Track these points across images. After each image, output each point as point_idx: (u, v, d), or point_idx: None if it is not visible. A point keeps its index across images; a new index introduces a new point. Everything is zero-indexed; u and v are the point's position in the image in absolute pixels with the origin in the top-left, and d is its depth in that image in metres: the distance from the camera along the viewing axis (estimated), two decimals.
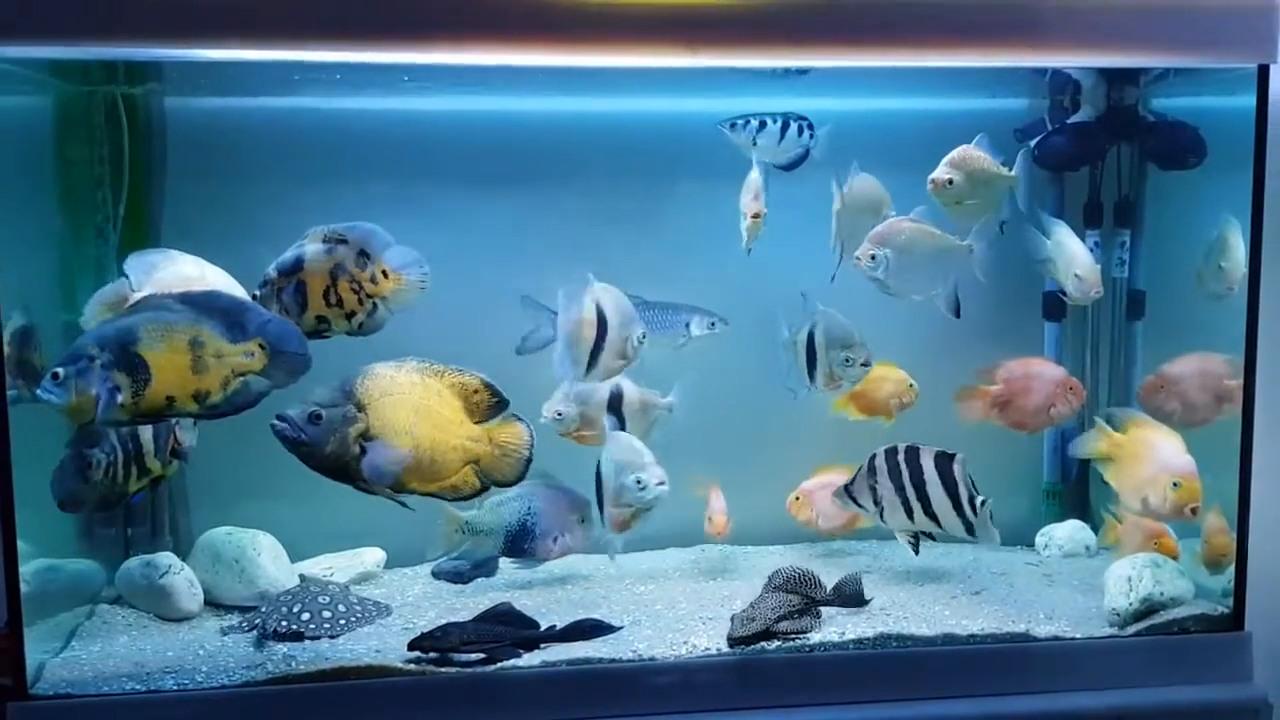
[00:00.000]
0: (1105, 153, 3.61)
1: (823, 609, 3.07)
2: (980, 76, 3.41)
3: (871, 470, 3.31)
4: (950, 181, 3.07)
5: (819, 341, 3.30)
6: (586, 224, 3.57)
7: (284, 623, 3.02)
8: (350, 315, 2.86)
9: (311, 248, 2.85)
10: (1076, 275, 3.36)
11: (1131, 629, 3.03)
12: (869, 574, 3.37)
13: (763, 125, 3.30)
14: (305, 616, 3.04)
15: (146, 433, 3.02)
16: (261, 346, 2.61)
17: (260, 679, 2.77)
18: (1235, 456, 3.07)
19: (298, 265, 2.83)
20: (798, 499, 3.58)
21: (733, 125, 3.29)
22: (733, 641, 2.92)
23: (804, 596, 3.04)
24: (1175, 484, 3.07)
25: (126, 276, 2.84)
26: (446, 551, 3.30)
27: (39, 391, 2.57)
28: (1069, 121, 3.56)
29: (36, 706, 2.69)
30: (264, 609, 3.09)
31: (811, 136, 3.33)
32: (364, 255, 2.86)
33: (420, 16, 2.63)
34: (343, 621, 3.06)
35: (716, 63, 2.77)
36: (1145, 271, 3.70)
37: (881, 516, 3.32)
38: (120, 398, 2.52)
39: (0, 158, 2.66)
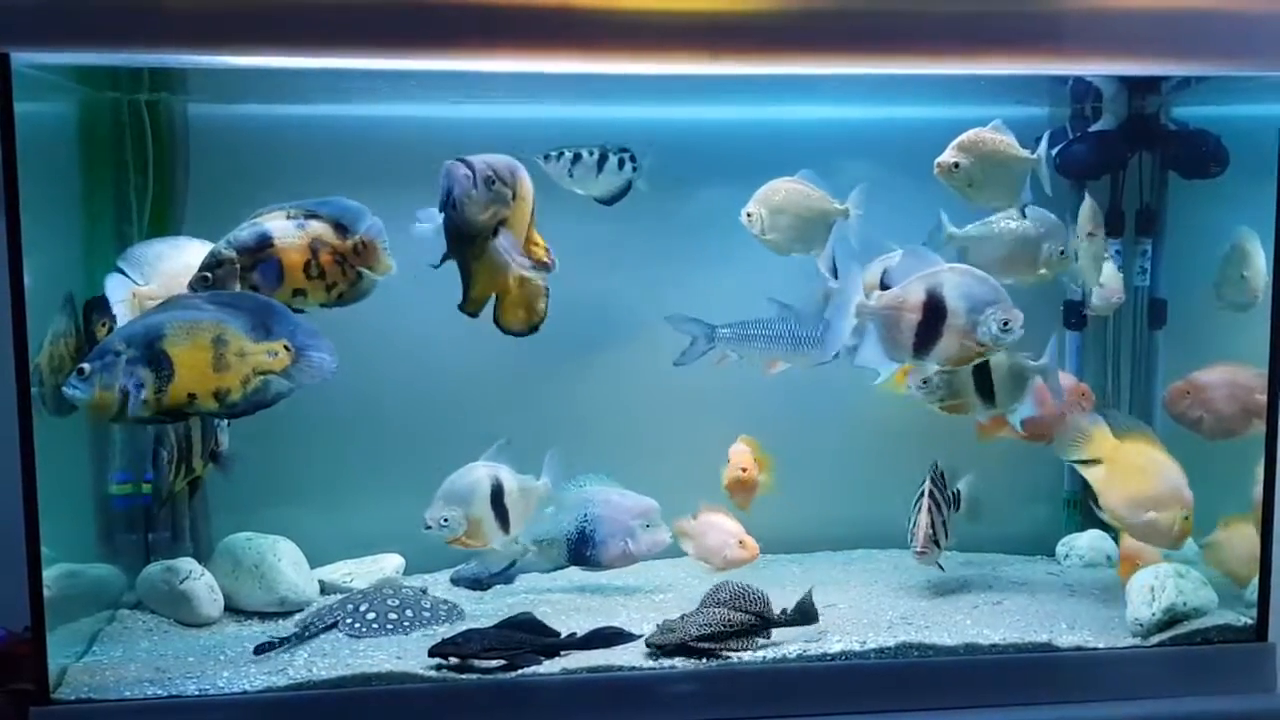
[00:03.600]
0: (1127, 161, 3.60)
1: (773, 629, 2.98)
2: (1001, 85, 3.39)
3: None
4: (956, 165, 3.03)
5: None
6: (610, 230, 3.56)
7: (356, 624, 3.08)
8: (330, 287, 2.85)
9: (276, 224, 2.82)
10: (1099, 284, 3.35)
11: (1154, 639, 3.01)
12: (873, 586, 3.39)
13: (577, 158, 3.24)
14: (371, 616, 3.10)
15: (196, 432, 3.09)
16: (287, 348, 2.62)
17: (281, 685, 2.77)
18: (1254, 465, 3.05)
19: (264, 242, 2.80)
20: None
21: (546, 158, 3.23)
22: (649, 646, 2.90)
23: (746, 614, 2.96)
24: (1186, 516, 3.06)
25: (123, 271, 2.88)
26: (509, 562, 3.34)
27: (64, 388, 2.60)
28: (1090, 130, 3.55)
29: (59, 711, 2.70)
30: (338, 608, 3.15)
31: (634, 168, 3.27)
32: (341, 227, 2.86)
33: (444, 23, 2.63)
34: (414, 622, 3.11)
35: (739, 70, 2.78)
36: (1167, 281, 3.69)
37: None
38: (143, 394, 2.54)
39: (26, 163, 2.67)
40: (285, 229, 2.82)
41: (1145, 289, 3.69)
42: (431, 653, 2.85)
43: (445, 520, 3.12)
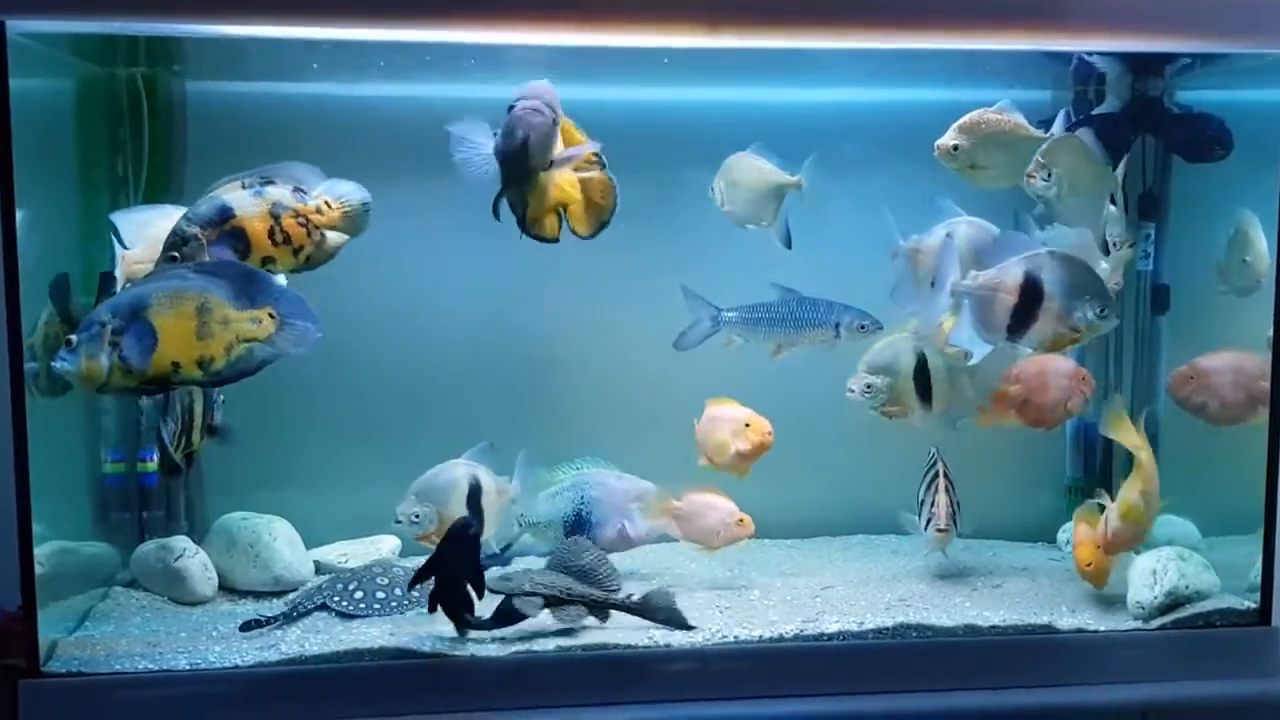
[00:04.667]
0: (1130, 145, 3.57)
1: (613, 612, 2.91)
2: (1003, 68, 3.38)
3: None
4: (955, 147, 3.00)
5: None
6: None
7: (342, 601, 3.05)
8: (298, 250, 2.82)
9: (234, 195, 2.79)
10: (1102, 267, 3.33)
11: (1156, 623, 2.98)
12: (871, 570, 3.36)
13: None
14: (359, 595, 3.07)
15: (198, 406, 3.10)
16: (271, 315, 2.62)
17: (274, 660, 2.75)
18: (1258, 446, 3.02)
19: (225, 214, 2.78)
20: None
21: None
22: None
23: (592, 585, 2.91)
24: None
25: (116, 234, 2.90)
26: (503, 546, 3.30)
27: (54, 362, 2.60)
28: (1093, 113, 3.53)
29: (48, 684, 2.67)
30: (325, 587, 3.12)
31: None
32: (299, 190, 2.83)
33: None
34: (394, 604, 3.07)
35: (738, 43, 2.76)
36: (1170, 265, 3.66)
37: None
38: (128, 363, 2.54)
39: (22, 138, 2.66)
40: (243, 199, 2.80)
41: (1148, 274, 3.66)
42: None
43: (416, 516, 3.10)
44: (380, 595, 3.08)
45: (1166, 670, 2.93)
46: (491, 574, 2.89)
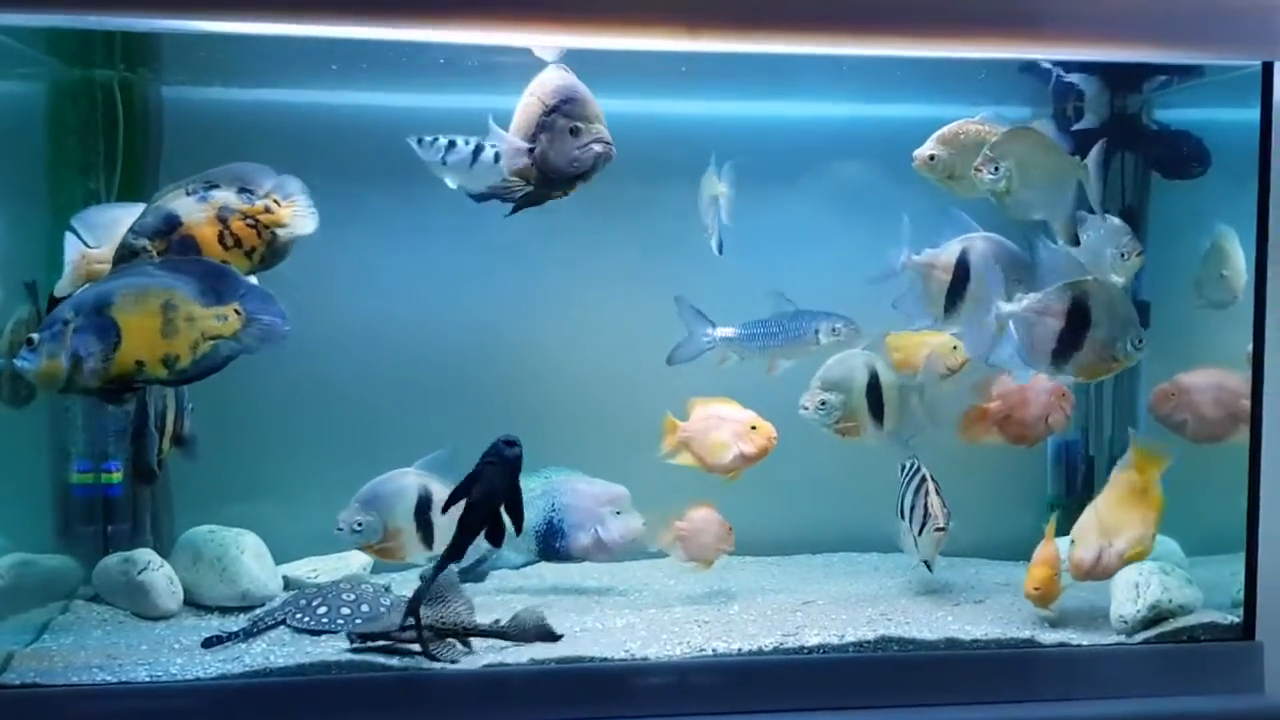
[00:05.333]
0: (1109, 161, 3.58)
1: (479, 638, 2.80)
2: (983, 84, 3.38)
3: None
4: (931, 157, 2.99)
5: (978, 268, 2.95)
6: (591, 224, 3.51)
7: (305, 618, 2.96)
8: (250, 253, 2.75)
9: (179, 203, 2.72)
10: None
11: (1139, 637, 2.94)
12: (853, 585, 3.29)
13: (452, 145, 3.11)
14: (322, 610, 2.98)
15: (170, 413, 3.01)
16: (238, 311, 2.56)
17: (237, 672, 2.67)
18: (1241, 459, 3.00)
19: (172, 223, 2.71)
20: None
21: (420, 141, 3.12)
22: (350, 637, 2.80)
23: (456, 615, 2.80)
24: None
25: (75, 232, 2.81)
26: (476, 558, 3.22)
27: (15, 360, 2.53)
28: (1072, 129, 3.53)
29: (1, 695, 2.58)
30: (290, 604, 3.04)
31: None
32: (245, 191, 2.76)
33: None
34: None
35: (717, 47, 2.74)
36: (1150, 282, 3.65)
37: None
38: (90, 363, 2.47)
39: None
40: (189, 205, 2.72)
41: (1129, 290, 3.65)
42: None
43: (359, 525, 2.96)
44: (345, 612, 2.99)
45: (1150, 685, 2.87)
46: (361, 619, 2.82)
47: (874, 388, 3.19)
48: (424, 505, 2.99)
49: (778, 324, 3.26)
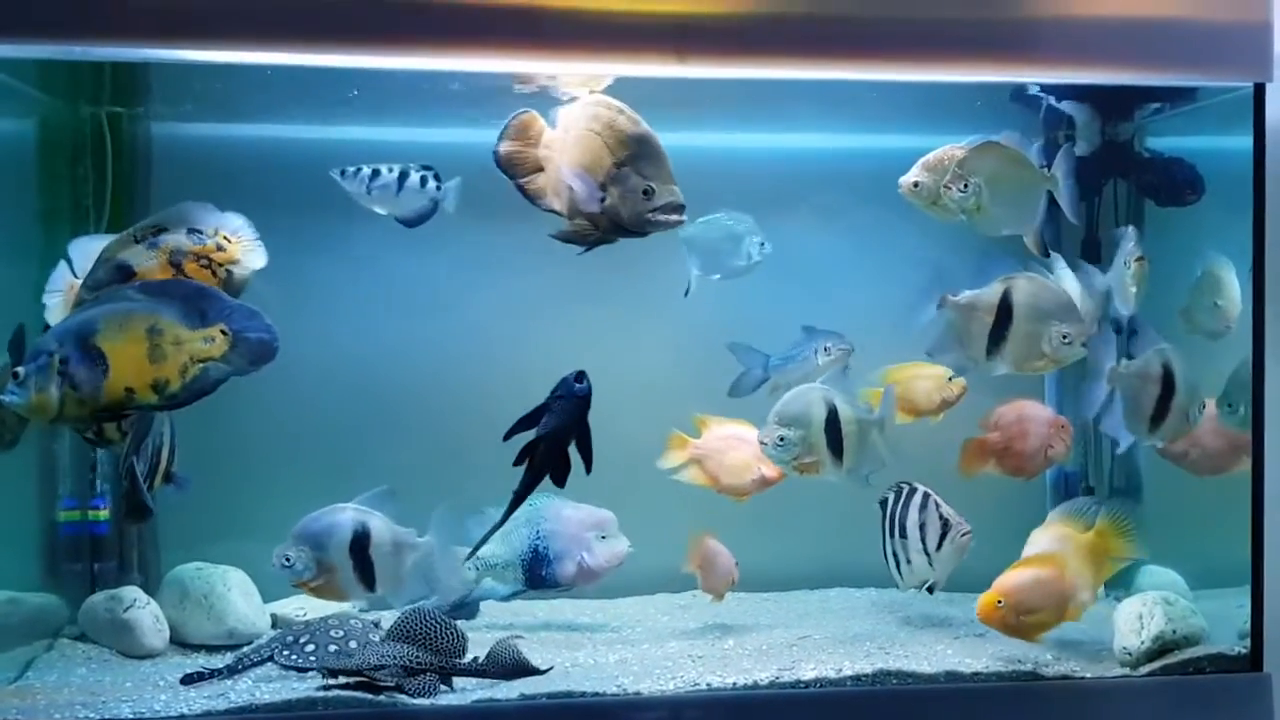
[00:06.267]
0: (1100, 189, 3.57)
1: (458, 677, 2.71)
2: (974, 112, 3.37)
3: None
4: (916, 184, 2.97)
5: (1020, 309, 2.93)
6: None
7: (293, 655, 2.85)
8: None
9: (129, 252, 2.69)
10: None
11: (1144, 669, 2.88)
12: (850, 619, 3.23)
13: (376, 174, 3.09)
14: (310, 648, 2.87)
15: (165, 450, 2.97)
16: (224, 333, 2.53)
17: (222, 709, 2.61)
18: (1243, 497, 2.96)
19: (126, 273, 2.68)
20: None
21: (343, 173, 3.10)
22: (323, 672, 2.72)
23: (434, 654, 2.69)
24: None
25: (69, 261, 2.78)
26: (464, 592, 3.16)
27: (2, 395, 2.50)
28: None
29: None
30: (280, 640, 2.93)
31: (439, 188, 3.12)
32: (194, 231, 2.73)
33: (409, 22, 2.59)
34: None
35: (705, 73, 2.73)
36: (1146, 310, 3.62)
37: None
38: (80, 392, 2.45)
39: None
40: (139, 253, 2.69)
41: (1125, 319, 3.62)
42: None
43: (288, 560, 2.81)
44: (333, 649, 2.91)
45: (1157, 718, 2.81)
46: (333, 651, 2.75)
47: (833, 423, 3.07)
48: (360, 541, 2.83)
49: (797, 348, 3.27)
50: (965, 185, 2.90)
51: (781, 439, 3.05)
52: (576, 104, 2.76)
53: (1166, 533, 3.70)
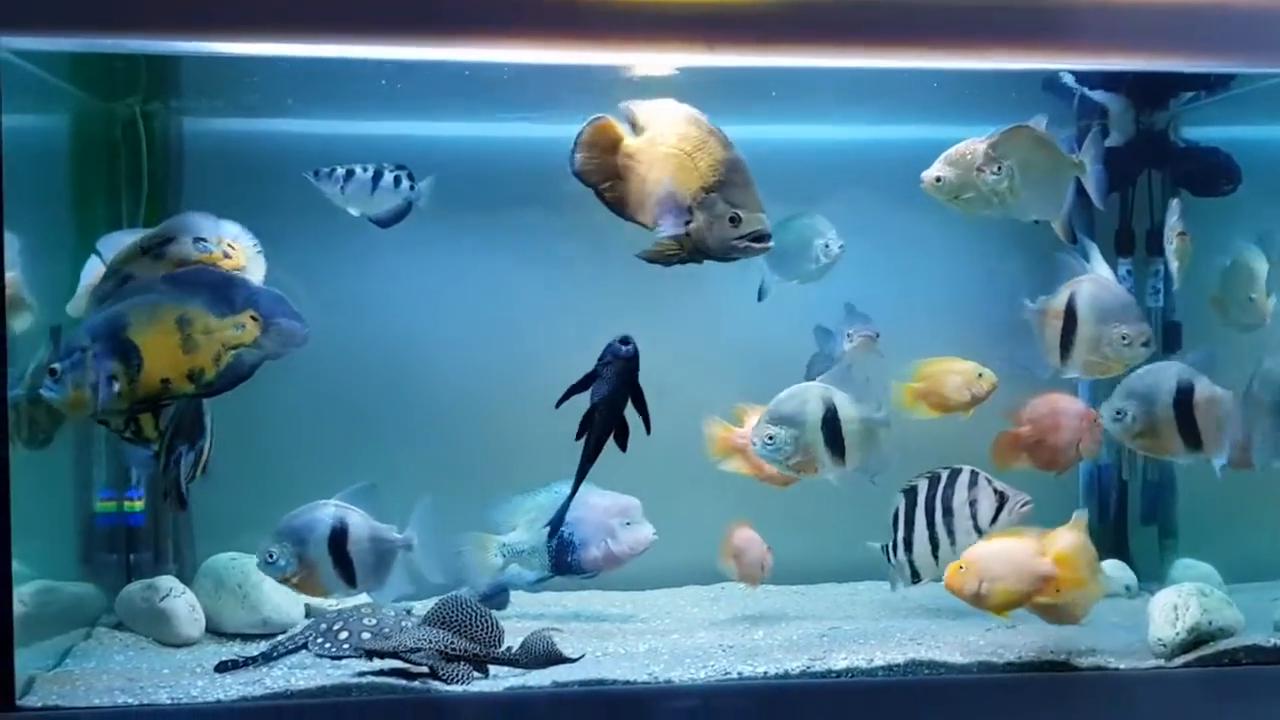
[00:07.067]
0: (1135, 179, 3.54)
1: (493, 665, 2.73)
2: (1006, 101, 3.36)
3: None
4: (939, 179, 2.94)
5: (1084, 312, 2.96)
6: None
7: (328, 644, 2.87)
8: None
9: (137, 265, 2.68)
10: None
11: (1178, 660, 2.86)
12: (880, 611, 3.20)
13: (350, 174, 3.10)
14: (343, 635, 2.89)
15: (207, 441, 2.96)
16: (254, 319, 2.55)
17: (258, 694, 2.63)
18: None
19: None
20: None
21: (317, 174, 3.11)
22: (358, 652, 2.75)
23: (470, 641, 2.72)
24: None
25: (99, 255, 2.80)
26: (491, 579, 3.19)
27: (41, 390, 2.54)
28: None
29: (21, 718, 2.56)
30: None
31: (412, 187, 3.12)
32: (200, 240, 2.73)
33: (438, 12, 2.61)
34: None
35: (736, 62, 2.74)
36: (1181, 302, 3.60)
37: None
38: (116, 386, 2.48)
39: (20, 171, 2.64)
40: (145, 265, 2.68)
41: (1159, 310, 3.60)
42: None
43: (271, 556, 2.83)
44: (366, 636, 2.94)
45: (1190, 710, 2.80)
46: (370, 633, 2.79)
47: (832, 422, 3.04)
48: (339, 537, 2.84)
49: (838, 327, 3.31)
50: (998, 168, 2.88)
51: (770, 438, 3.01)
52: (661, 112, 2.67)
53: (1201, 526, 3.69)
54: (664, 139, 2.64)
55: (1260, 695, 2.82)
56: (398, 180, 3.08)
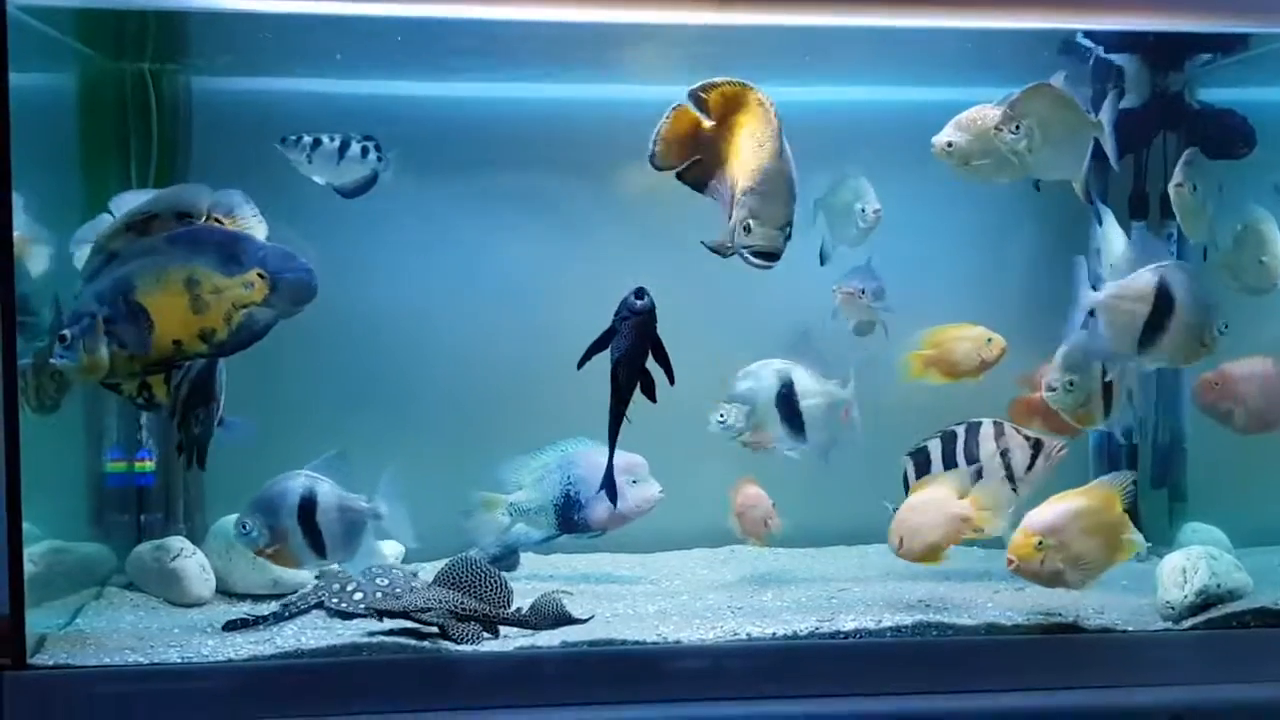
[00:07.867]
0: (1150, 141, 3.51)
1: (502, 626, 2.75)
2: (1019, 63, 3.32)
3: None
4: (949, 144, 2.92)
5: (1181, 299, 2.85)
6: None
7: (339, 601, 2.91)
8: None
9: (122, 241, 2.59)
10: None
11: (1187, 623, 2.86)
12: (889, 573, 3.20)
13: (317, 143, 3.07)
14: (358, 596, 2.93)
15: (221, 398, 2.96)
16: (261, 276, 2.53)
17: (268, 654, 2.65)
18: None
19: None
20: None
21: (283, 141, 3.08)
22: (368, 611, 2.78)
23: (480, 602, 2.74)
24: None
25: (111, 214, 2.77)
26: (498, 538, 3.20)
27: (53, 358, 2.53)
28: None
29: (32, 676, 2.57)
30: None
31: (380, 158, 3.09)
32: (184, 216, 2.61)
33: None
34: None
35: (746, 19, 2.71)
36: (1194, 266, 3.56)
37: None
38: (129, 349, 2.46)
39: (30, 132, 2.63)
40: (130, 242, 2.57)
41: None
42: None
43: (245, 527, 2.83)
44: (380, 596, 2.96)
45: (1198, 672, 2.78)
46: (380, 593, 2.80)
47: (787, 399, 3.05)
48: (308, 507, 2.83)
49: None
50: (1017, 127, 2.84)
51: (721, 419, 3.05)
52: (735, 99, 2.61)
53: (1210, 490, 3.68)
54: (735, 129, 2.60)
55: (1269, 658, 2.82)
56: (365, 151, 3.05)
